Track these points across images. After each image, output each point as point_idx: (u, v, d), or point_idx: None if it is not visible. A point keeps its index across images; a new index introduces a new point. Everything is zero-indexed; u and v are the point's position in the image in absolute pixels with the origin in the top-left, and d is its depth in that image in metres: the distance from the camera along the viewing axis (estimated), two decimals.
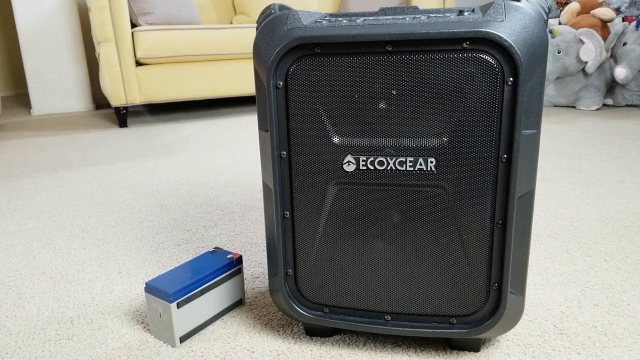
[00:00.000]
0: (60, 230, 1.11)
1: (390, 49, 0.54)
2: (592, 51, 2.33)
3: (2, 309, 0.79)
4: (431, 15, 0.56)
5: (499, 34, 0.51)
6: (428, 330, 0.61)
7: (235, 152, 1.80)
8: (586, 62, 2.37)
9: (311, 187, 0.60)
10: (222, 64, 2.48)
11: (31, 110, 3.03)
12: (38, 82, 3.00)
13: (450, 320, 0.61)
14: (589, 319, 0.70)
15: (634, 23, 2.42)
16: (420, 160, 0.56)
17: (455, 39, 0.52)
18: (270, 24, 0.58)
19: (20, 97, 4.06)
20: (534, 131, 0.54)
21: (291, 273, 0.64)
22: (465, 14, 0.54)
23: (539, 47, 0.52)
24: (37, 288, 0.85)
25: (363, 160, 0.58)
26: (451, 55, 0.53)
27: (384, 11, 0.59)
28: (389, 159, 0.57)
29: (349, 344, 0.66)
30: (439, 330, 0.61)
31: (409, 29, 0.53)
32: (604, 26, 2.62)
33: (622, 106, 2.48)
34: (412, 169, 0.57)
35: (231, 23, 3.07)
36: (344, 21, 0.56)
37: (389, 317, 0.63)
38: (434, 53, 0.53)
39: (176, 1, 2.59)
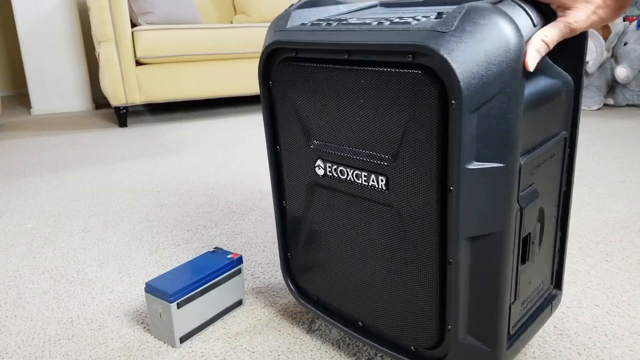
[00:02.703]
0: (60, 230, 1.11)
1: (347, 57, 0.52)
2: (592, 51, 2.32)
3: (2, 309, 0.79)
4: (395, 20, 0.50)
5: (432, 47, 0.42)
6: (390, 352, 0.58)
7: (236, 152, 1.79)
8: (587, 62, 2.37)
9: (297, 183, 0.63)
10: (222, 63, 2.48)
11: (31, 110, 3.03)
12: (38, 82, 3.00)
13: (411, 347, 0.56)
14: (590, 320, 0.70)
15: (635, 23, 2.42)
16: (373, 176, 0.53)
17: (398, 51, 0.46)
18: (271, 25, 0.61)
19: (20, 97, 4.06)
20: (499, 165, 0.44)
21: (290, 257, 0.69)
22: (444, 16, 0.45)
23: (502, 64, 0.42)
24: (37, 288, 0.85)
25: (329, 166, 0.57)
26: (394, 69, 0.47)
27: (427, 1, 0.58)
28: (348, 169, 0.55)
29: (349, 344, 0.66)
30: (400, 356, 0.57)
31: (361, 37, 0.48)
32: (604, 26, 2.62)
33: (623, 106, 2.48)
34: (366, 183, 0.54)
35: (231, 23, 3.06)
36: (324, 24, 0.55)
37: (361, 324, 0.62)
38: (381, 65, 0.48)
39: (176, 1, 2.58)
